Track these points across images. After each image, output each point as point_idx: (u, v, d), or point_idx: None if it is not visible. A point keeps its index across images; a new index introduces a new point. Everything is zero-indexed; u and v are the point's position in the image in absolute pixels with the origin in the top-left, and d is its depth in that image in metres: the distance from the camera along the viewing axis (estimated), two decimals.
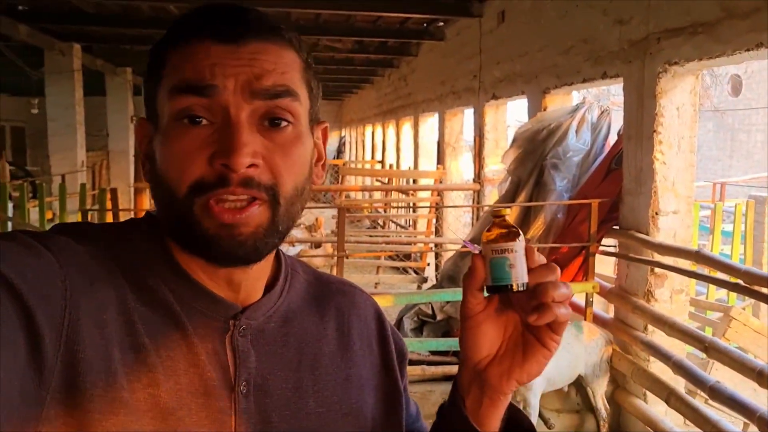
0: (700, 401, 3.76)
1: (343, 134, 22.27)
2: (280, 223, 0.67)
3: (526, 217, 4.86)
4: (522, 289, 0.69)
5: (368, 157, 16.92)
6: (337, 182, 14.53)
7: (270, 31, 0.68)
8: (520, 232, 0.71)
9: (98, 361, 0.60)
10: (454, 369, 4.35)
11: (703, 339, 3.34)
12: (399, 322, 5.11)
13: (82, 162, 10.15)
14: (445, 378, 4.39)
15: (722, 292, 6.07)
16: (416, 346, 4.44)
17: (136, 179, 11.31)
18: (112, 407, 0.60)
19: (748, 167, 14.69)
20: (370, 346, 0.81)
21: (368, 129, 17.14)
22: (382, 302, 4.94)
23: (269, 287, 0.75)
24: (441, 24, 8.56)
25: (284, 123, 0.67)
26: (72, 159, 9.99)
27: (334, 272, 8.51)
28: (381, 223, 12.39)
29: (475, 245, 0.75)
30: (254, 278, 0.72)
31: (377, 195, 12.26)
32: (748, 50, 3.16)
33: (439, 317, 4.97)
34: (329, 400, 0.74)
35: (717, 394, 3.21)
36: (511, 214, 0.73)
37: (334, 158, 21.00)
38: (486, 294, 0.72)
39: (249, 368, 0.70)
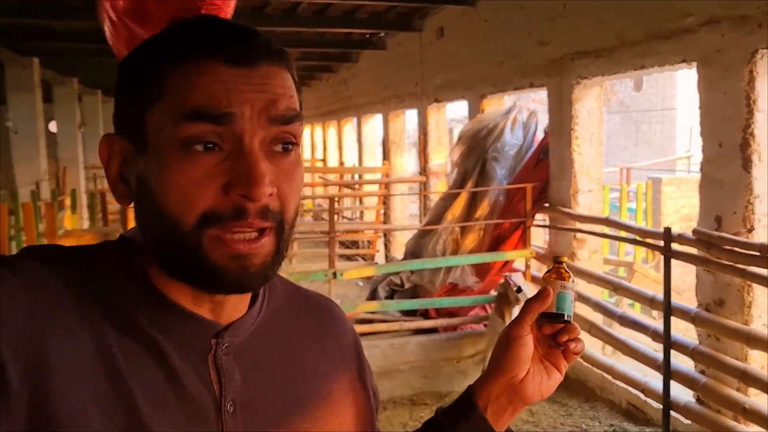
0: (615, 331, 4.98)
1: None
2: (284, 248, 0.66)
3: (474, 201, 5.98)
4: (569, 320, 0.82)
5: (307, 155, 17.77)
6: None
7: (275, 53, 0.66)
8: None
9: (69, 390, 0.57)
10: (423, 324, 5.45)
11: (611, 281, 4.55)
12: (374, 292, 6.17)
13: (44, 170, 10.66)
14: (416, 332, 5.45)
15: (631, 257, 7.41)
16: (393, 306, 5.50)
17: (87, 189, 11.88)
18: None
19: (651, 154, 16.60)
20: (348, 361, 0.81)
21: (307, 129, 17.99)
22: (366, 272, 5.99)
23: (250, 303, 0.73)
24: (383, 35, 9.60)
25: (291, 147, 0.66)
26: (35, 168, 10.49)
27: (293, 263, 9.44)
28: (325, 217, 13.33)
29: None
30: (238, 297, 0.70)
31: (320, 191, 13.19)
32: (635, 70, 4.37)
33: (406, 285, 6.04)
34: (314, 415, 0.73)
35: (624, 320, 4.43)
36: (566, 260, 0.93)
37: None
38: (537, 319, 0.81)
39: (234, 387, 0.68)
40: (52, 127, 13.62)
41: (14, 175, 10.49)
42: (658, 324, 4.11)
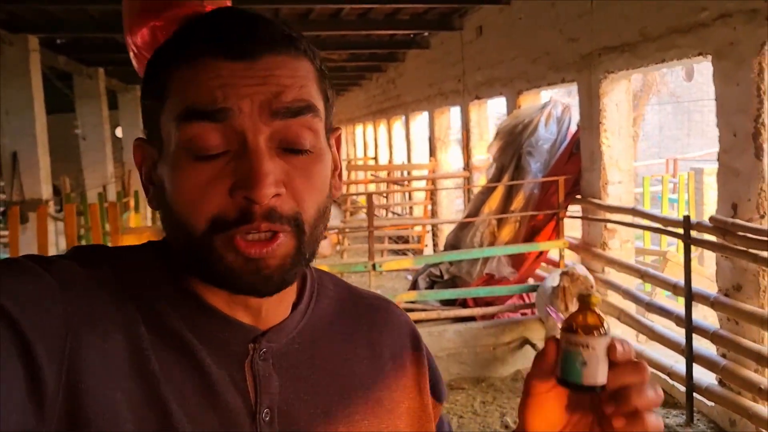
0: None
1: None
2: (306, 250, 0.63)
3: (510, 194, 6.18)
4: (596, 391, 0.63)
5: (360, 154, 18.13)
6: None
7: (283, 41, 0.62)
8: (605, 326, 0.63)
9: (103, 392, 0.57)
10: (460, 312, 5.70)
11: (639, 269, 4.69)
12: (415, 283, 6.44)
13: (111, 174, 11.35)
14: (455, 320, 5.70)
15: (674, 248, 7.44)
16: (431, 296, 5.76)
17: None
18: None
19: (704, 144, 16.27)
20: (403, 366, 0.76)
21: (359, 128, 18.36)
22: (405, 264, 6.28)
23: (293, 306, 0.70)
24: (426, 35, 9.84)
25: (306, 146, 0.62)
26: (102, 172, 11.18)
27: (344, 258, 9.79)
28: (378, 214, 13.70)
29: (559, 313, 0.83)
30: (276, 302, 0.67)
31: (372, 187, 13.53)
32: (657, 63, 4.50)
33: (446, 277, 6.29)
34: (360, 424, 0.70)
35: (651, 307, 4.57)
36: (599, 301, 0.66)
37: None
38: (557, 383, 0.65)
39: (271, 394, 0.65)
40: (118, 132, 14.40)
41: (84, 178, 11.20)
42: (681, 309, 4.24)
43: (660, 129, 17.47)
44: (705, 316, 4.66)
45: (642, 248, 6.67)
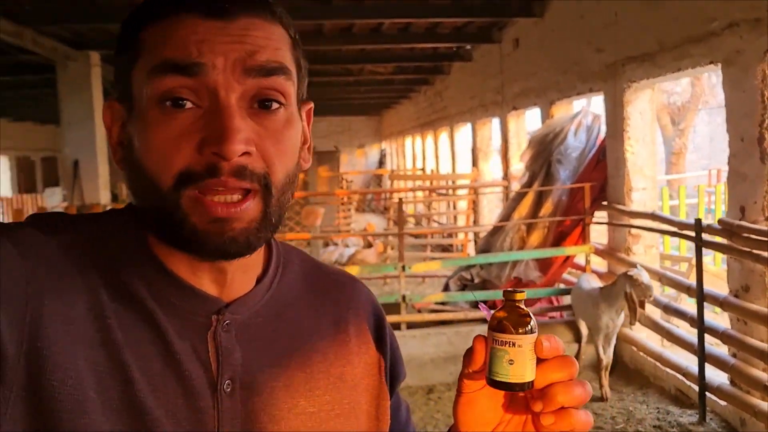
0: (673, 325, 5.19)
1: (383, 146, 23.80)
2: (273, 215, 0.63)
3: (539, 201, 6.35)
4: (525, 388, 0.62)
5: (409, 165, 18.44)
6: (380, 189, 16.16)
7: (260, 4, 0.63)
8: (532, 323, 0.62)
9: (65, 358, 0.57)
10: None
11: (656, 272, 4.80)
12: (446, 286, 6.67)
13: None
14: (483, 321, 5.89)
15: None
16: (459, 297, 5.99)
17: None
18: (81, 407, 0.57)
19: None
20: (366, 343, 0.76)
21: (408, 140, 18.69)
22: (433, 266, 6.52)
23: (259, 279, 0.70)
24: (468, 48, 10.09)
25: (276, 105, 0.62)
26: None
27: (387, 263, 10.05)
28: (422, 223, 13.95)
29: (487, 308, 0.68)
30: (242, 271, 0.67)
31: (420, 195, 13.81)
32: (673, 72, 4.64)
33: (476, 280, 6.49)
34: (321, 399, 0.70)
35: (668, 309, 4.68)
36: (523, 297, 0.64)
37: (375, 168, 22.55)
38: (486, 383, 0.64)
39: (233, 365, 0.65)
40: None
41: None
42: (694, 310, 4.35)
43: (711, 140, 17.14)
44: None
45: (666, 254, 6.72)
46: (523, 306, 0.64)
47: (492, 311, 0.65)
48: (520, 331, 0.62)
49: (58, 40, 7.76)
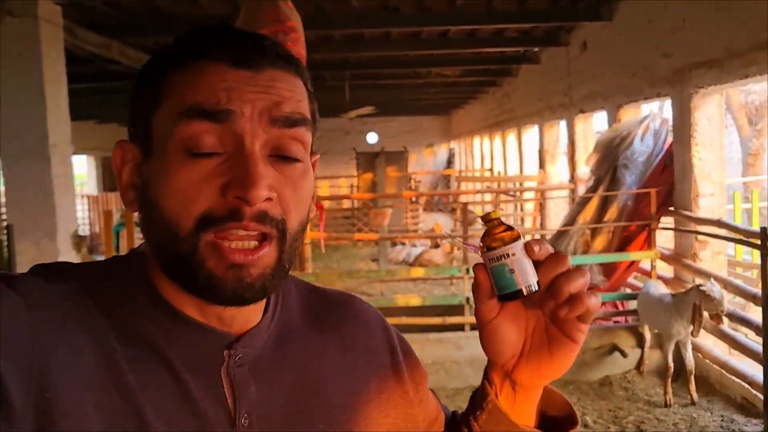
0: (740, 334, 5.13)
1: (452, 146, 23.83)
2: (286, 261, 0.65)
3: (604, 205, 6.36)
4: (533, 290, 0.66)
5: (477, 165, 18.44)
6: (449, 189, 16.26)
7: (285, 59, 0.66)
8: (517, 232, 0.67)
9: (75, 406, 0.56)
10: None
11: (723, 280, 4.77)
12: None
13: None
14: None
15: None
16: None
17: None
18: None
19: None
20: (378, 356, 0.78)
21: (476, 140, 18.69)
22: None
23: (264, 311, 0.71)
24: (536, 50, 10.09)
25: (296, 155, 0.64)
26: None
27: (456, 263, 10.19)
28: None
29: (475, 245, 0.71)
30: (248, 310, 0.68)
31: (487, 198, 13.85)
32: (740, 79, 4.60)
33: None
34: (338, 420, 0.71)
35: (733, 316, 4.65)
36: (498, 214, 0.69)
37: (444, 168, 22.60)
38: (499, 301, 0.68)
39: (249, 399, 0.66)
40: None
41: None
42: (760, 319, 4.31)
43: None
44: None
45: (737, 260, 6.59)
46: (502, 221, 0.68)
47: (477, 246, 0.69)
48: (507, 240, 0.66)
49: (142, 51, 8.24)
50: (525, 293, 0.66)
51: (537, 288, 0.66)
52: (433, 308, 5.96)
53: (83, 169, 22.89)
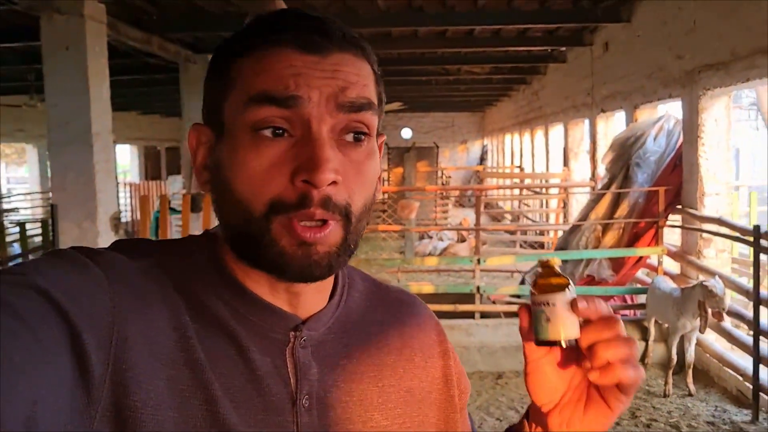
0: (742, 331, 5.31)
1: (485, 142, 23.95)
2: (351, 241, 0.66)
3: (616, 202, 6.55)
4: (568, 344, 0.66)
5: (508, 162, 18.59)
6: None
7: (351, 42, 0.66)
8: (566, 283, 0.68)
9: (147, 378, 0.59)
10: None
11: (721, 275, 4.96)
12: (523, 280, 7.01)
13: None
14: None
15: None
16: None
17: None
18: (161, 427, 0.58)
19: None
20: (431, 358, 0.79)
21: (507, 137, 18.83)
22: (506, 261, 6.87)
23: (329, 297, 0.73)
24: (563, 49, 10.25)
25: (362, 138, 0.66)
26: None
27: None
28: (517, 218, 14.18)
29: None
30: (316, 290, 0.70)
31: (516, 192, 14.05)
32: (743, 82, 4.77)
33: None
34: (393, 413, 0.72)
35: (730, 312, 4.83)
36: (557, 263, 0.70)
37: (477, 164, 22.76)
38: (535, 344, 0.69)
39: (311, 381, 0.68)
40: None
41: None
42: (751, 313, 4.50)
43: None
44: None
45: (742, 259, 6.71)
46: (557, 270, 0.69)
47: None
48: (551, 289, 0.67)
49: (180, 45, 8.66)
50: (555, 344, 0.67)
51: (571, 344, 0.67)
52: (445, 296, 6.25)
53: (126, 158, 23.64)
